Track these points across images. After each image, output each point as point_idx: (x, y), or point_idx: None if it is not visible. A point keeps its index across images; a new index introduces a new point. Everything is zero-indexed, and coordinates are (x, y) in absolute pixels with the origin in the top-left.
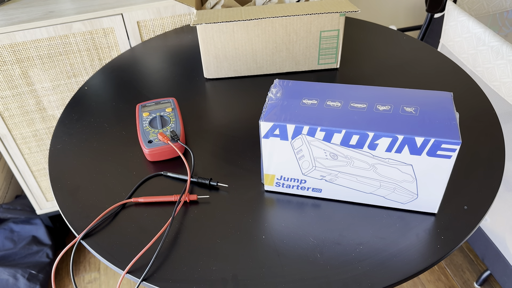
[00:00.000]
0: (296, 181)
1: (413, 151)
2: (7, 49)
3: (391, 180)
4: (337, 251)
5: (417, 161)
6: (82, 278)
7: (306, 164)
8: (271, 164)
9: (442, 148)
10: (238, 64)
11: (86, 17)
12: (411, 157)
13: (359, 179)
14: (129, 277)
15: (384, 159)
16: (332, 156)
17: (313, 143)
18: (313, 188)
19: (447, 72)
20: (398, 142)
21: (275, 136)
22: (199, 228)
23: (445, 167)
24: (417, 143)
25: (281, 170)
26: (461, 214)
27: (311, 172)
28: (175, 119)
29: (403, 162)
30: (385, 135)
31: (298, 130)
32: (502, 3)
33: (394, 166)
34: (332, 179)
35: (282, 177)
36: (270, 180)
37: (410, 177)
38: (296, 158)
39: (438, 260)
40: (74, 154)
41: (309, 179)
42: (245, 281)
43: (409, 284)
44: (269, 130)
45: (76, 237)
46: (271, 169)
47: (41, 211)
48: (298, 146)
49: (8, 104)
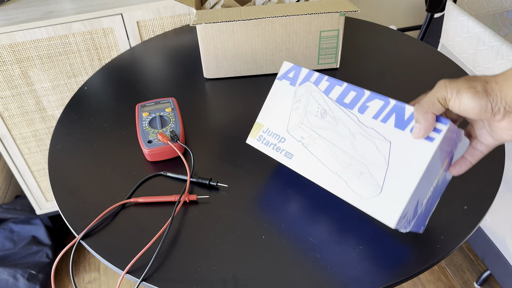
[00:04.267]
0: (277, 137)
1: (399, 123)
2: (7, 49)
3: (363, 159)
4: (337, 251)
5: (397, 138)
6: (82, 278)
7: (296, 118)
8: (266, 111)
9: None
10: (238, 64)
11: (85, 17)
12: (394, 131)
13: (333, 151)
14: (128, 277)
15: (367, 128)
16: (322, 113)
17: (313, 94)
18: (287, 152)
19: (447, 72)
20: (388, 108)
21: (287, 79)
22: (199, 228)
23: (425, 152)
24: (406, 113)
25: (271, 120)
26: (461, 214)
27: (295, 129)
28: (174, 119)
29: (383, 136)
30: (379, 98)
31: (308, 75)
32: (502, 3)
33: (373, 140)
34: (308, 144)
35: (268, 130)
36: (257, 132)
37: (383, 159)
38: (291, 108)
39: (438, 260)
40: (74, 154)
41: (289, 138)
42: (245, 281)
43: (409, 284)
44: (286, 71)
45: (76, 237)
46: (265, 116)
47: (41, 211)
48: (299, 94)
49: (7, 104)
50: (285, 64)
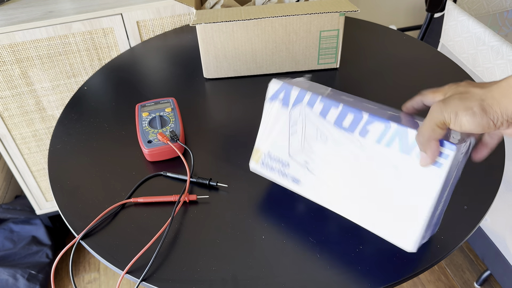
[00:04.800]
0: (281, 163)
1: (404, 147)
2: (7, 49)
3: (372, 184)
4: (337, 251)
5: (404, 163)
6: (81, 278)
7: (296, 142)
8: (264, 136)
9: None
10: (237, 64)
11: (85, 17)
12: (400, 156)
13: (340, 175)
14: (128, 277)
15: (372, 152)
16: (322, 138)
17: (309, 118)
18: (293, 177)
19: (447, 72)
20: (390, 132)
21: (279, 100)
22: (199, 228)
23: (434, 180)
24: (409, 138)
25: (270, 145)
26: (461, 214)
27: (297, 154)
28: (174, 119)
29: (390, 161)
30: (378, 121)
31: (300, 96)
32: (502, 3)
33: (380, 165)
34: (313, 169)
35: (269, 155)
36: (258, 157)
37: (392, 185)
38: (288, 132)
39: (438, 260)
40: (73, 154)
41: (293, 164)
42: (245, 281)
43: (409, 284)
44: (276, 92)
45: (75, 237)
46: (262, 142)
47: (40, 211)
48: (295, 118)
49: (7, 104)
50: (273, 84)
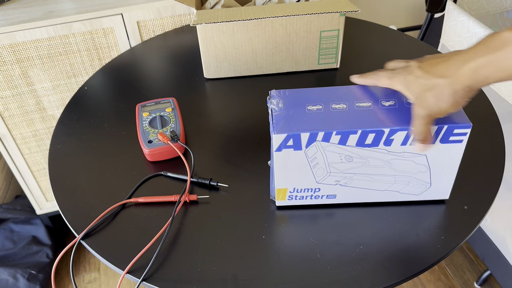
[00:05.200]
0: (310, 190)
1: None
2: (7, 49)
3: (406, 173)
4: (337, 251)
5: (431, 150)
6: (82, 278)
7: (321, 172)
8: (283, 178)
9: (454, 133)
10: (238, 64)
11: (86, 17)
12: None
13: (374, 178)
14: (129, 277)
15: (399, 153)
16: (347, 158)
17: (328, 148)
18: (328, 195)
19: None
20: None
21: (288, 147)
22: (199, 228)
23: (457, 151)
24: (431, 133)
25: (294, 182)
26: (461, 214)
27: (325, 179)
28: (175, 119)
29: (417, 153)
30: (401, 129)
31: (312, 137)
32: (502, 3)
33: (409, 158)
34: (347, 183)
35: (295, 189)
36: (282, 195)
37: (424, 167)
38: (310, 166)
39: (438, 260)
40: (74, 154)
41: (324, 186)
42: (245, 281)
43: (409, 284)
44: (282, 142)
45: (76, 237)
46: (283, 183)
47: (41, 211)
48: (313, 154)
49: (8, 104)
50: (276, 138)
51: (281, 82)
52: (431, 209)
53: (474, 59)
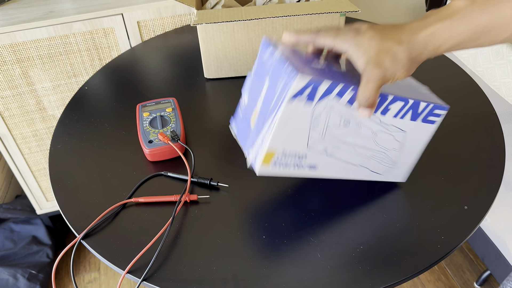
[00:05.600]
0: (297, 157)
1: (414, 116)
2: (7, 49)
3: (383, 150)
4: (337, 251)
5: (412, 128)
6: (82, 278)
7: (316, 134)
8: (279, 137)
9: (433, 113)
10: (238, 64)
11: (86, 17)
12: (409, 123)
13: (357, 150)
14: (129, 277)
15: (388, 125)
16: (345, 123)
17: (335, 107)
18: (310, 165)
19: (447, 72)
20: (407, 107)
21: (301, 99)
22: (200, 228)
23: (428, 133)
24: (420, 108)
25: (286, 144)
26: (461, 214)
27: (317, 144)
28: (175, 119)
29: (401, 128)
30: (400, 99)
31: (329, 90)
32: None
33: (393, 133)
34: (333, 152)
35: (284, 154)
36: (267, 159)
37: (399, 144)
38: (309, 127)
39: (438, 260)
40: (74, 154)
41: (311, 154)
42: (245, 281)
43: (409, 284)
44: (300, 90)
45: (76, 237)
46: (277, 144)
47: (41, 211)
48: (319, 112)
49: (8, 104)
50: (299, 80)
51: None
52: (431, 209)
53: (428, 27)
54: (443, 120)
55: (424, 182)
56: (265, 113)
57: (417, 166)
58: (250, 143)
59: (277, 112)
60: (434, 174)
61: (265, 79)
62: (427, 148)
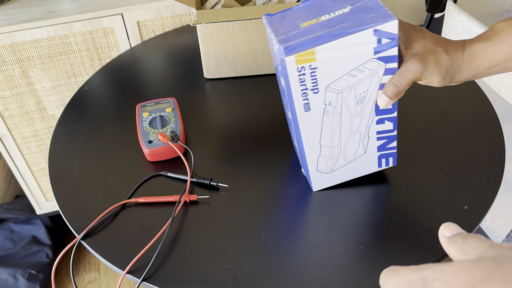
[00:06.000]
0: (314, 84)
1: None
2: (7, 49)
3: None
4: (337, 251)
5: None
6: (82, 278)
7: (342, 83)
8: (331, 49)
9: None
10: (238, 64)
11: (86, 17)
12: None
13: (351, 137)
14: (129, 277)
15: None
16: (360, 99)
17: (377, 73)
18: (308, 103)
19: None
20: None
21: (373, 46)
22: (199, 228)
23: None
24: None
25: (326, 61)
26: (461, 214)
27: (332, 91)
28: (175, 119)
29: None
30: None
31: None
32: (502, 3)
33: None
34: (327, 113)
35: (314, 69)
36: (305, 59)
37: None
38: (348, 70)
39: (438, 260)
40: (74, 154)
41: (320, 95)
42: (245, 281)
43: None
44: (381, 45)
45: (76, 237)
46: (325, 51)
47: (41, 211)
48: (366, 67)
49: (8, 104)
50: (392, 24)
51: None
52: (431, 209)
53: (471, 46)
54: (443, 120)
55: (424, 182)
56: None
57: (417, 166)
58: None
59: (353, 33)
60: (434, 174)
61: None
62: (427, 148)
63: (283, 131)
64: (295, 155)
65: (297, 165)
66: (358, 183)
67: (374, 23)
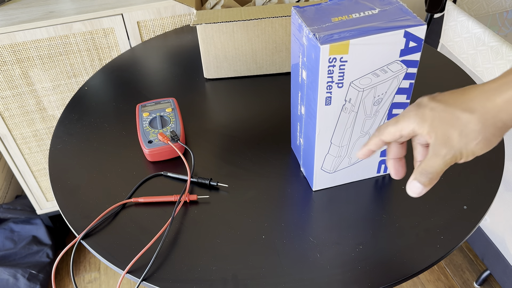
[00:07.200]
0: (340, 78)
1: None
2: (7, 49)
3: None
4: (337, 251)
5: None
6: (82, 278)
7: (365, 81)
8: (368, 45)
9: None
10: (238, 64)
11: (86, 17)
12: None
13: (351, 135)
14: (129, 277)
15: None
16: (378, 101)
17: (398, 77)
18: (330, 97)
19: (447, 72)
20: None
21: (401, 46)
22: (199, 228)
23: None
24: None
25: (359, 57)
26: (461, 214)
27: (355, 87)
28: (175, 119)
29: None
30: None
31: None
32: (502, 3)
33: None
34: (345, 111)
35: (344, 62)
36: (340, 49)
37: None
38: (374, 68)
39: (438, 260)
40: (74, 154)
41: (342, 91)
42: (245, 281)
43: (409, 284)
44: (408, 48)
45: (76, 237)
46: (362, 45)
47: (41, 211)
48: (390, 68)
49: (8, 104)
50: (421, 29)
51: (281, 82)
52: (431, 209)
53: (508, 89)
54: None
55: None
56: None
57: None
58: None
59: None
60: None
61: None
62: None
63: (283, 131)
64: (295, 155)
65: (297, 165)
66: (358, 183)
67: (406, 25)
